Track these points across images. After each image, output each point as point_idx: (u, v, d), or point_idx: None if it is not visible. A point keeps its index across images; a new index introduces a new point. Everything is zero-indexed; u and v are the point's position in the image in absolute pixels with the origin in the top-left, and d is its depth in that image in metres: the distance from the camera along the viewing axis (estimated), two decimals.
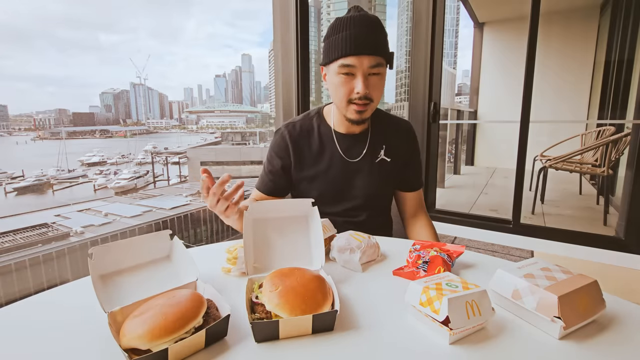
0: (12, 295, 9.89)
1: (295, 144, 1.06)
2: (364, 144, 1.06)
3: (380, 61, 0.91)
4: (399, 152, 1.09)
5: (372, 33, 0.90)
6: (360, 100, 0.93)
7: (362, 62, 0.90)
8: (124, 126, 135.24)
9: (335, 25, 0.94)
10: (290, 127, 1.08)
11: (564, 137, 3.51)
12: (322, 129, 1.08)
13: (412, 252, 0.76)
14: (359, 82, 0.91)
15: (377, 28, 0.92)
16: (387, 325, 0.56)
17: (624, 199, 2.32)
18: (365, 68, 0.91)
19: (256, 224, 0.72)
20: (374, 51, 0.90)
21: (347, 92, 0.94)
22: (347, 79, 0.93)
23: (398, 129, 1.11)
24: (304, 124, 1.09)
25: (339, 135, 1.06)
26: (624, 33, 3.56)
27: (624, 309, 0.59)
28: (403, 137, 1.11)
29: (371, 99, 0.94)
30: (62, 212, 16.38)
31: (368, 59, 0.90)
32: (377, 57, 0.91)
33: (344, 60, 0.91)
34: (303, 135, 1.07)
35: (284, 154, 1.07)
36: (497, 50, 5.66)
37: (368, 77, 0.92)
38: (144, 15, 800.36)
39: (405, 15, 77.76)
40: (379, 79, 0.94)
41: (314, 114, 1.11)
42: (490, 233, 2.61)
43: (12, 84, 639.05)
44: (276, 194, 1.11)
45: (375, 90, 0.94)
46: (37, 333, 0.56)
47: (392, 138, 1.09)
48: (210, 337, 0.51)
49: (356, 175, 1.06)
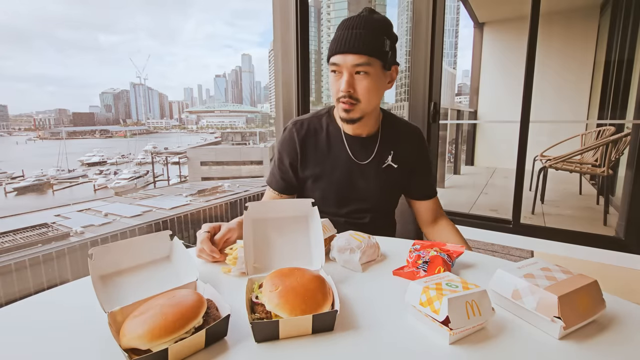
0: (12, 295, 9.88)
1: (302, 141, 1.05)
2: (372, 147, 1.05)
3: (366, 60, 0.89)
4: (408, 158, 1.07)
5: (365, 32, 0.89)
6: (344, 99, 0.93)
7: (345, 61, 0.90)
8: (124, 126, 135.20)
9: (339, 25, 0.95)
10: (298, 125, 1.07)
11: (564, 137, 3.51)
12: (331, 129, 1.07)
13: (412, 252, 0.76)
14: (342, 80, 0.91)
15: (374, 28, 0.90)
16: (387, 325, 0.56)
17: (624, 199, 2.32)
18: (349, 66, 0.90)
19: (256, 224, 0.72)
20: (359, 50, 0.89)
21: (335, 91, 0.95)
22: (335, 78, 0.94)
23: (408, 135, 1.09)
24: (312, 122, 1.08)
25: (348, 137, 1.05)
26: (624, 33, 3.56)
27: (624, 309, 0.59)
28: (413, 143, 1.09)
29: (357, 98, 0.93)
30: (62, 212, 16.37)
31: (352, 57, 0.89)
32: (362, 55, 0.89)
33: (332, 58, 0.92)
34: (310, 134, 1.06)
35: (292, 151, 1.06)
36: (497, 50, 5.66)
37: (354, 76, 0.91)
38: (143, 15, 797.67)
39: (405, 15, 77.71)
40: (367, 78, 0.91)
41: (324, 113, 1.10)
42: (490, 233, 2.60)
43: (12, 84, 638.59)
44: (288, 192, 1.10)
45: (361, 90, 0.92)
46: (37, 333, 0.56)
47: (401, 144, 1.07)
48: (210, 337, 0.51)
49: (361, 178, 1.05)
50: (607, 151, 2.72)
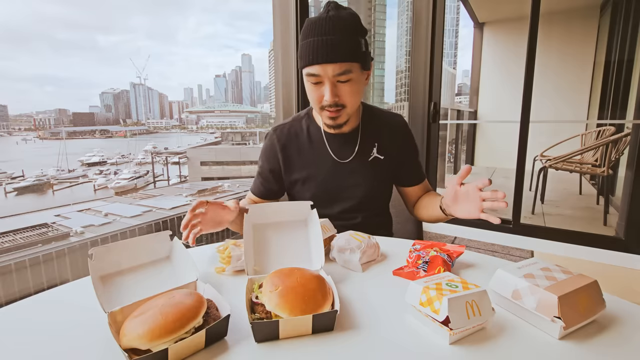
0: (12, 295, 9.88)
1: (283, 148, 1.04)
2: (354, 143, 1.03)
3: (347, 67, 0.86)
4: (393, 148, 1.05)
5: (339, 37, 0.84)
6: (330, 107, 0.91)
7: (326, 71, 0.86)
8: (124, 126, 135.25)
9: (304, 29, 0.90)
10: (278, 132, 1.06)
11: (564, 137, 3.51)
12: (312, 129, 1.05)
13: (412, 252, 0.76)
14: (327, 91, 0.88)
15: (346, 31, 0.85)
16: (386, 325, 0.56)
17: (624, 199, 2.32)
18: (331, 77, 0.86)
19: (256, 229, 0.72)
20: (340, 58, 0.84)
21: (317, 99, 0.91)
22: (315, 87, 0.90)
23: (390, 124, 1.07)
24: (292, 126, 1.07)
25: (329, 136, 1.04)
26: (624, 33, 3.56)
27: (624, 309, 0.59)
28: (396, 132, 1.07)
29: (342, 104, 0.91)
30: (62, 212, 16.35)
31: (332, 67, 0.85)
32: (344, 63, 0.85)
33: (309, 69, 0.88)
34: (292, 138, 1.05)
35: (273, 159, 1.06)
36: (497, 50, 5.65)
37: (337, 85, 0.88)
38: (144, 15, 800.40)
39: (405, 15, 77.67)
40: (351, 85, 0.89)
41: (303, 115, 1.09)
42: (490, 233, 2.61)
43: (12, 84, 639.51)
44: (268, 197, 1.11)
45: (346, 96, 0.90)
46: (37, 333, 0.56)
47: (384, 134, 1.05)
48: (210, 337, 0.51)
49: (349, 175, 1.03)
50: (607, 151, 2.72)
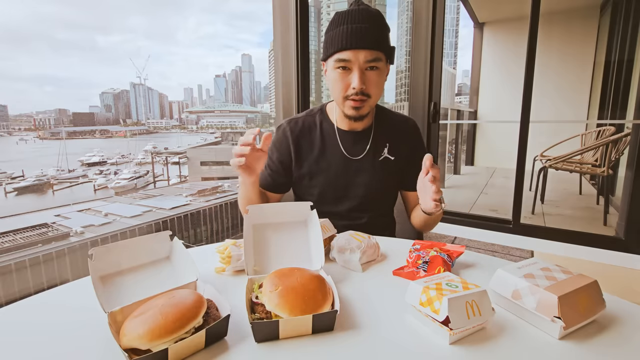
0: (12, 295, 9.90)
1: (296, 140, 1.05)
2: (366, 141, 1.05)
3: (378, 55, 0.89)
4: (403, 150, 1.06)
5: (370, 26, 0.88)
6: (356, 95, 0.92)
7: (358, 56, 0.88)
8: (124, 126, 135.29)
9: (334, 19, 0.93)
10: (292, 124, 1.07)
11: (564, 137, 3.51)
12: (325, 125, 1.07)
13: (412, 252, 0.76)
14: (355, 77, 0.90)
15: (376, 21, 0.90)
16: (386, 325, 0.56)
17: (624, 199, 2.32)
18: (362, 62, 0.89)
19: (256, 229, 0.72)
20: (371, 45, 0.88)
21: (344, 88, 0.93)
22: (343, 74, 0.91)
23: (402, 126, 1.08)
24: (306, 120, 1.08)
25: (342, 132, 1.05)
26: (624, 33, 3.56)
27: (624, 309, 0.59)
28: (408, 134, 1.08)
29: (368, 94, 0.92)
30: (62, 212, 16.38)
31: (364, 53, 0.88)
32: (374, 51, 0.88)
33: (340, 54, 0.89)
34: (304, 132, 1.06)
35: (284, 150, 1.06)
36: (497, 50, 5.66)
37: (365, 72, 0.90)
38: (142, 15, 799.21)
39: (405, 15, 77.73)
40: (377, 75, 0.91)
41: (317, 110, 1.10)
42: (490, 233, 2.61)
43: (12, 84, 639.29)
44: (274, 190, 1.10)
45: (372, 86, 0.92)
46: (37, 333, 0.56)
47: (396, 136, 1.07)
48: (210, 337, 0.51)
49: (358, 173, 1.04)
50: (607, 151, 2.72)
